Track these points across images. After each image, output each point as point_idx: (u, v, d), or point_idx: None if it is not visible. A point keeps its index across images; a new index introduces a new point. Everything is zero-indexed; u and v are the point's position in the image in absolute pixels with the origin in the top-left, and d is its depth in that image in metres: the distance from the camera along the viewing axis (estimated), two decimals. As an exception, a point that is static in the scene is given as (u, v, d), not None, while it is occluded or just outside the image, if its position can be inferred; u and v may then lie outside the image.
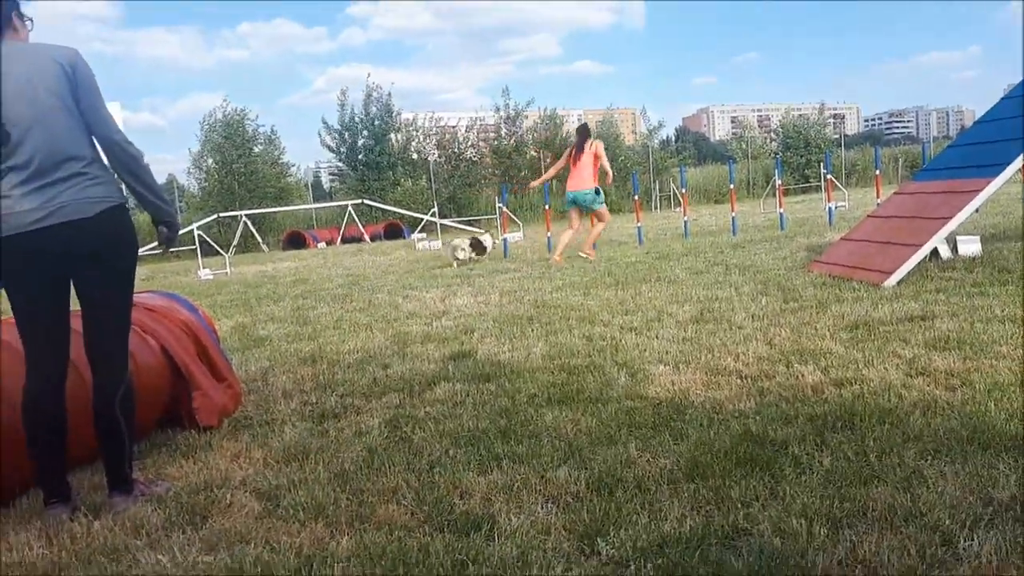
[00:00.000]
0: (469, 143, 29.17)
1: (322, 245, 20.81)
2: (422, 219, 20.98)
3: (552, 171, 10.19)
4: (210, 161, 26.54)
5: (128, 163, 2.50)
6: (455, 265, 10.07)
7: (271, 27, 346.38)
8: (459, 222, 21.21)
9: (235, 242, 21.54)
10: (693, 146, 75.19)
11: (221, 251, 17.25)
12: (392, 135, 28.27)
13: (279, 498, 2.53)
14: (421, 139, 29.16)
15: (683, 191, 13.83)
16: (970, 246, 6.66)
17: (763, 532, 2.01)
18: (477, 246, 10.50)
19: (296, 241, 22.02)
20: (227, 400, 3.57)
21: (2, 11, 2.43)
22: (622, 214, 22.09)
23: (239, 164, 25.90)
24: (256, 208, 23.51)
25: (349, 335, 5.60)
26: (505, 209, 13.87)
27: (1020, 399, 2.80)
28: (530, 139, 28.63)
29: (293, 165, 30.21)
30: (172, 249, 2.70)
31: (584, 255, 9.22)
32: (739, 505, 2.18)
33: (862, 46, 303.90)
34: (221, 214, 21.52)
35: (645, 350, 4.22)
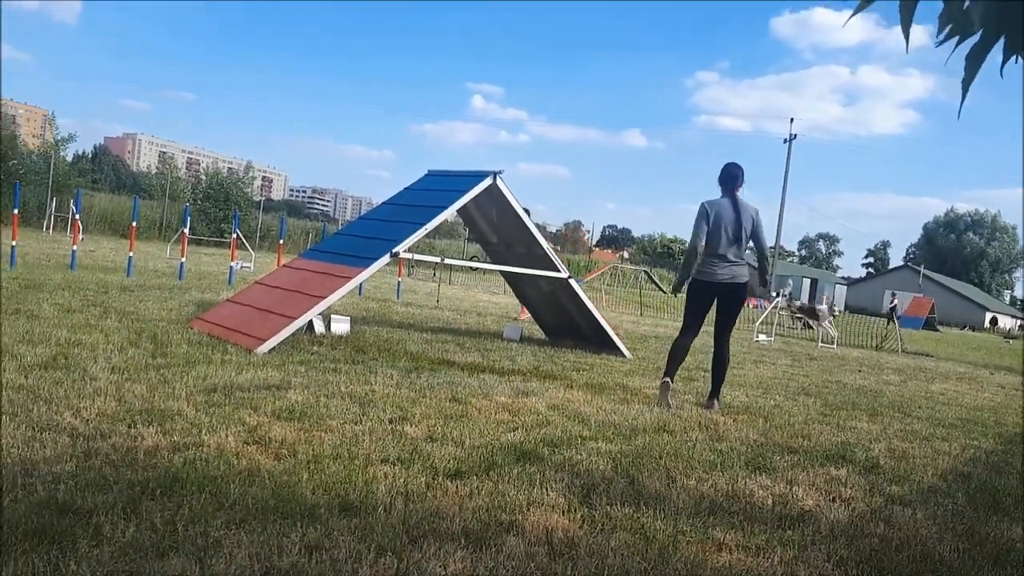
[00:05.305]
0: None
1: None
2: None
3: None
4: None
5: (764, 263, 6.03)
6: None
7: None
8: None
9: None
10: (112, 171, 69.17)
11: None
12: None
13: None
14: None
15: (76, 216, 12.51)
16: (341, 325, 7.53)
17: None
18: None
19: None
20: None
21: (740, 179, 5.61)
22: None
23: None
24: None
25: None
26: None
27: (332, 469, 3.16)
28: None
29: None
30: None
31: None
32: (7, 589, 1.92)
33: (301, 119, 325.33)
34: None
35: (-37, 396, 3.54)
